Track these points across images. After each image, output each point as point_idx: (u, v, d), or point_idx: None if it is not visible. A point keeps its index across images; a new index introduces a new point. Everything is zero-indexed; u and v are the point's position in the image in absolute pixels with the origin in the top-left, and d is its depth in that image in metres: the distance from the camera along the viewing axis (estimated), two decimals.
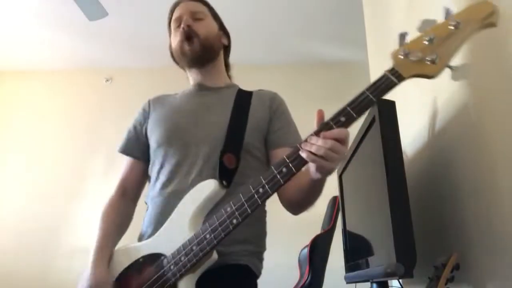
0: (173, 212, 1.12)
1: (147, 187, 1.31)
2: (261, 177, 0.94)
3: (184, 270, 1.01)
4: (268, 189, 0.93)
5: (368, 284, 1.20)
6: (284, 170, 0.91)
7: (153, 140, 1.27)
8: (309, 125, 0.97)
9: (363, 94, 0.85)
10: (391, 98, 0.95)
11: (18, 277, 3.41)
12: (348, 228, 1.44)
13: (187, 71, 1.40)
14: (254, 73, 3.90)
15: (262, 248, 1.24)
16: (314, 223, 1.77)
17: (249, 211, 0.95)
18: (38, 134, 3.96)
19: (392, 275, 0.87)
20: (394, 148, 0.95)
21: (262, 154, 1.26)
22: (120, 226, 1.25)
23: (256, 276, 1.19)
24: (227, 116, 1.23)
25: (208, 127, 1.22)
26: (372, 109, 0.99)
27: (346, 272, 1.39)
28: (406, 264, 0.84)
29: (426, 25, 0.83)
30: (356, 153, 1.26)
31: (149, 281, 1.05)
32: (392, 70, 0.84)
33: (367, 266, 1.10)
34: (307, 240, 1.61)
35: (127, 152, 1.33)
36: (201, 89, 1.34)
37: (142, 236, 1.21)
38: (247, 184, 0.97)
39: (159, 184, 1.22)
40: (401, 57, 0.84)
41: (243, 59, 1.38)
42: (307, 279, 1.53)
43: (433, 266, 0.87)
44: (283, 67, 4.07)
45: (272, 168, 0.93)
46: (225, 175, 1.14)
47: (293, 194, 1.15)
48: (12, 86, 4.12)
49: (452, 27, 0.80)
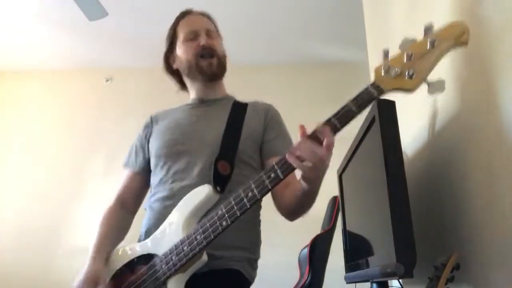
0: (169, 216, 1.17)
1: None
2: (251, 182, 1.00)
3: (174, 269, 1.06)
4: (256, 193, 0.98)
5: (368, 284, 1.20)
6: (272, 175, 0.97)
7: (153, 152, 1.34)
8: (309, 126, 0.98)
9: (347, 106, 0.92)
10: (391, 98, 0.96)
11: (18, 277, 3.41)
12: (348, 228, 1.44)
13: (190, 84, 1.43)
14: (254, 73, 3.90)
15: (257, 256, 1.28)
16: (314, 223, 1.77)
17: (238, 214, 1.00)
18: (38, 134, 3.95)
19: (392, 275, 0.87)
20: (394, 148, 0.95)
21: (256, 163, 1.31)
22: (117, 235, 1.30)
23: (249, 282, 1.22)
24: (223, 126, 1.28)
25: (204, 136, 1.28)
26: (372, 109, 1.00)
27: (346, 272, 1.39)
28: (406, 264, 0.84)
29: (406, 44, 0.90)
30: (356, 153, 1.26)
31: (142, 279, 1.11)
32: (373, 85, 0.92)
33: (367, 266, 1.10)
34: (307, 240, 1.61)
35: (128, 166, 1.39)
36: (201, 102, 1.40)
37: (140, 239, 1.27)
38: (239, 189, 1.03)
39: (157, 191, 1.28)
40: (382, 72, 0.91)
41: (243, 59, 1.39)
42: (307, 279, 1.53)
43: (433, 266, 0.87)
44: (283, 67, 4.06)
45: (262, 173, 0.99)
46: (219, 181, 1.19)
47: (287, 202, 1.20)
48: (12, 86, 4.11)
49: (429, 45, 0.87)
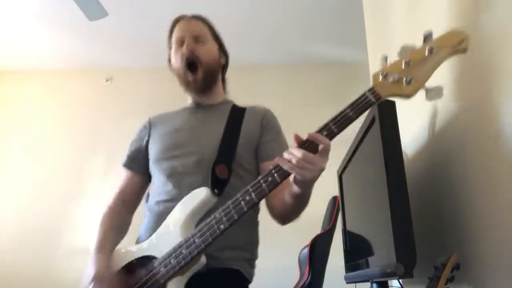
0: (167, 218, 1.18)
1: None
2: (249, 186, 1.02)
3: (173, 272, 1.07)
4: (254, 197, 1.00)
5: (368, 284, 1.20)
6: (269, 179, 0.98)
7: (152, 156, 1.34)
8: (308, 126, 0.98)
9: (344, 112, 0.93)
10: (391, 98, 0.96)
11: (18, 277, 3.41)
12: (348, 228, 1.45)
13: (185, 90, 1.43)
14: (254, 73, 3.90)
15: (255, 256, 1.29)
16: (314, 223, 1.77)
17: (236, 217, 1.02)
18: (38, 134, 3.95)
19: (392, 275, 0.87)
20: (394, 148, 0.95)
21: (253, 167, 1.31)
22: (118, 234, 1.31)
23: (248, 281, 1.24)
24: (221, 130, 1.29)
25: (203, 141, 1.28)
26: (372, 109, 1.00)
27: (346, 272, 1.40)
28: (406, 264, 0.84)
29: (405, 51, 0.91)
30: (356, 153, 1.26)
31: (140, 282, 1.11)
32: (371, 90, 0.92)
33: (367, 266, 1.10)
34: (307, 240, 1.61)
35: (127, 166, 1.39)
36: (199, 107, 1.40)
37: (139, 241, 1.27)
38: (237, 193, 1.04)
39: (156, 194, 1.29)
40: (380, 78, 0.91)
41: (243, 59, 1.38)
42: (307, 279, 1.53)
43: (433, 266, 0.87)
44: (283, 67, 4.06)
45: (259, 178, 1.01)
46: (217, 185, 1.20)
47: (279, 207, 1.21)
48: (12, 86, 4.11)
49: (427, 52, 0.87)
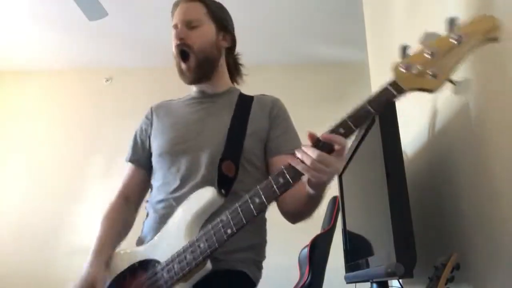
0: (170, 219, 1.11)
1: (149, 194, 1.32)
2: (258, 187, 0.93)
3: (176, 279, 1.01)
4: (264, 200, 0.92)
5: (368, 284, 1.20)
6: (281, 181, 0.90)
7: (155, 149, 1.26)
8: (309, 126, 0.97)
9: (364, 107, 0.84)
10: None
11: (18, 277, 3.41)
12: (348, 228, 1.45)
13: None
14: (254, 73, 3.88)
15: (262, 257, 1.22)
16: (314, 223, 1.77)
17: (244, 222, 0.94)
18: (38, 134, 3.95)
19: (392, 275, 0.87)
20: (394, 148, 0.95)
21: (262, 162, 1.24)
22: (120, 233, 1.24)
23: (254, 284, 1.17)
24: (227, 123, 1.21)
25: (209, 134, 1.21)
26: None
27: (346, 272, 1.40)
28: (406, 264, 0.84)
29: (428, 38, 0.81)
30: (356, 153, 1.26)
31: (142, 287, 1.05)
32: (393, 83, 0.83)
33: (367, 266, 1.10)
34: (307, 240, 1.61)
35: (131, 160, 1.32)
36: (204, 96, 1.32)
37: (141, 242, 1.20)
38: (245, 194, 0.96)
39: (160, 191, 1.21)
40: (402, 70, 0.82)
41: (243, 59, 1.38)
42: (307, 279, 1.53)
43: (433, 266, 0.87)
44: (283, 67, 4.06)
45: (270, 178, 0.92)
46: (224, 184, 1.12)
47: (291, 206, 1.13)
48: (12, 86, 4.11)
49: (455, 41, 0.78)
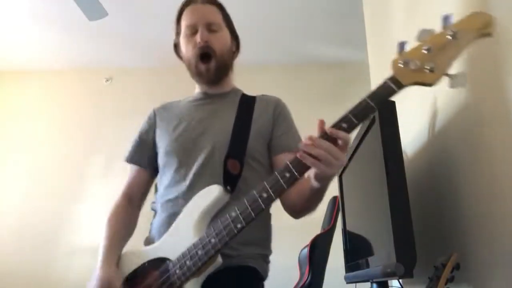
0: (178, 217, 1.13)
1: (151, 194, 1.34)
2: (265, 182, 0.96)
3: (189, 274, 1.03)
4: (272, 194, 0.94)
5: (368, 284, 1.20)
6: (287, 175, 0.92)
7: (162, 149, 1.28)
8: (309, 126, 0.97)
9: (364, 101, 0.87)
10: (391, 98, 0.95)
11: (18, 277, 3.41)
12: (348, 228, 1.45)
13: (194, 79, 1.36)
14: (254, 73, 3.89)
15: (269, 251, 1.25)
16: (314, 223, 1.77)
17: (253, 215, 0.97)
18: (38, 134, 3.95)
19: (392, 275, 0.87)
20: (394, 148, 0.95)
21: (265, 160, 1.26)
22: (126, 233, 1.26)
23: (263, 278, 1.20)
24: (231, 122, 1.24)
25: (213, 134, 1.23)
26: None
27: (346, 272, 1.40)
28: (406, 264, 0.84)
29: (424, 35, 0.85)
30: (356, 153, 1.26)
31: (155, 285, 1.06)
32: (392, 78, 0.86)
33: (367, 266, 1.10)
34: (307, 240, 1.61)
35: (133, 161, 1.34)
36: (207, 97, 1.34)
37: (150, 241, 1.22)
38: (251, 189, 0.98)
39: (168, 191, 1.23)
40: (401, 66, 0.85)
41: (243, 59, 1.38)
42: (307, 279, 1.53)
43: (433, 266, 0.87)
44: (283, 67, 4.07)
45: (276, 173, 0.94)
46: (229, 181, 1.15)
47: (295, 200, 1.16)
48: (12, 86, 4.11)
49: (450, 37, 0.82)
